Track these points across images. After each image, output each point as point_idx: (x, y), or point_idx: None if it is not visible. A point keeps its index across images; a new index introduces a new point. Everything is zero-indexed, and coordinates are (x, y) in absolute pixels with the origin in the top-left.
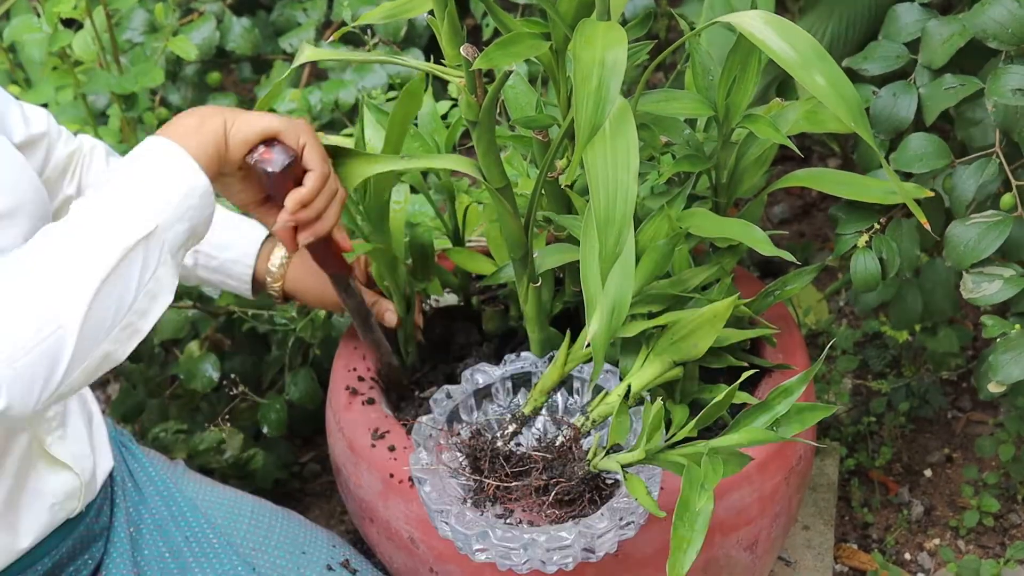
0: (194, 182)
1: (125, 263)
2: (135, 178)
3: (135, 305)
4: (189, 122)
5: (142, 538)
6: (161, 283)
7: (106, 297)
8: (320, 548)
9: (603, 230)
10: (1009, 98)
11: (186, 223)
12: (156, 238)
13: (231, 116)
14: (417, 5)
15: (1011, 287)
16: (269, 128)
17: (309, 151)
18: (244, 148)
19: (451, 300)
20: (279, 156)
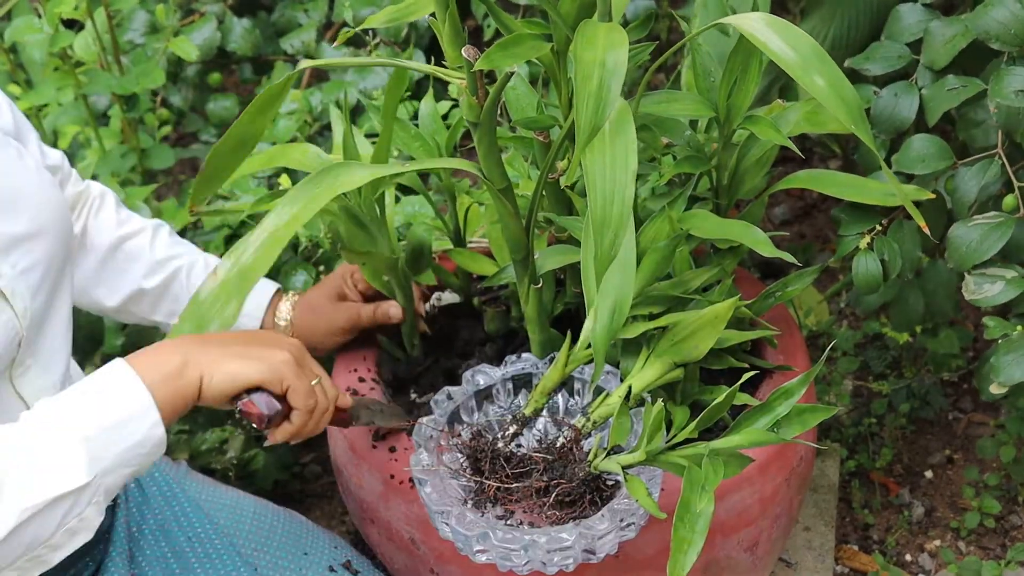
0: (150, 434)
1: (51, 507)
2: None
3: (51, 541)
4: (168, 365)
5: (144, 539)
6: (85, 522)
7: (23, 532)
8: (322, 549)
9: (599, 231)
10: (1012, 99)
11: (130, 468)
12: (91, 487)
13: (209, 368)
14: (419, 7)
15: (1013, 288)
16: (250, 380)
17: (291, 393)
18: (223, 399)
19: (453, 299)
20: (262, 410)
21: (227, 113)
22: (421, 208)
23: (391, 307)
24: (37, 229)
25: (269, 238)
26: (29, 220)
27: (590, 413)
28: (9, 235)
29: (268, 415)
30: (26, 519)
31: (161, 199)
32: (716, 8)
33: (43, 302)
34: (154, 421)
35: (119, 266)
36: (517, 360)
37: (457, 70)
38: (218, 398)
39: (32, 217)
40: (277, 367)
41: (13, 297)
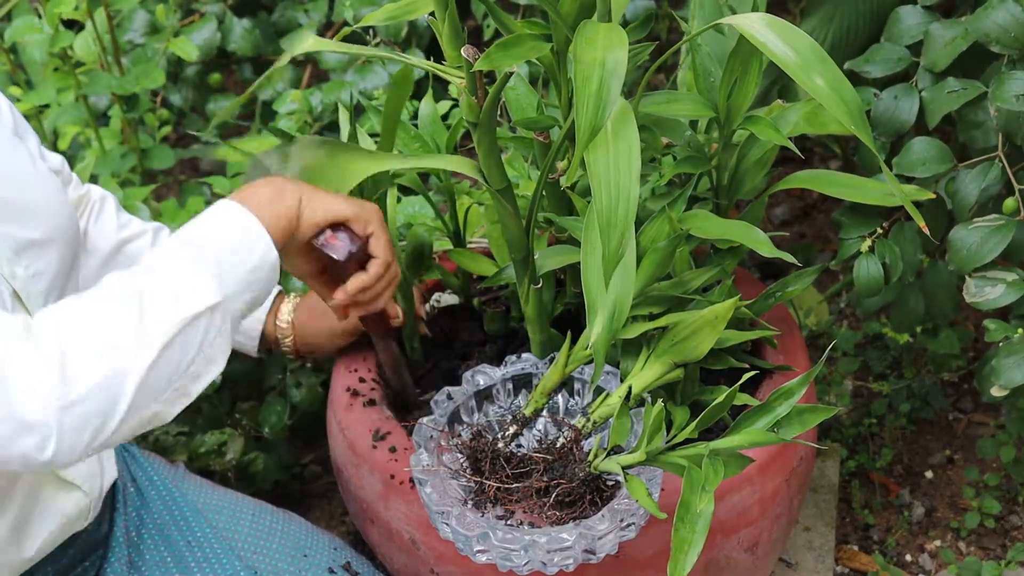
0: (266, 256)
1: (190, 328)
2: (210, 242)
3: (191, 369)
4: (265, 193)
5: (143, 542)
6: (218, 349)
7: (168, 358)
8: (322, 551)
9: (605, 232)
10: (1012, 103)
11: (251, 294)
12: (222, 308)
13: (307, 195)
14: (419, 6)
15: (1014, 291)
16: (341, 214)
17: (375, 240)
18: (314, 230)
19: (452, 300)
20: (345, 244)
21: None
22: (421, 208)
23: (392, 309)
24: (49, 234)
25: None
26: (41, 224)
27: (590, 413)
28: (23, 239)
29: (351, 248)
30: (171, 337)
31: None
32: (712, 8)
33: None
34: (267, 244)
35: (121, 266)
36: (517, 360)
37: (457, 70)
38: (311, 226)
39: (44, 221)
40: (368, 209)
41: (28, 300)
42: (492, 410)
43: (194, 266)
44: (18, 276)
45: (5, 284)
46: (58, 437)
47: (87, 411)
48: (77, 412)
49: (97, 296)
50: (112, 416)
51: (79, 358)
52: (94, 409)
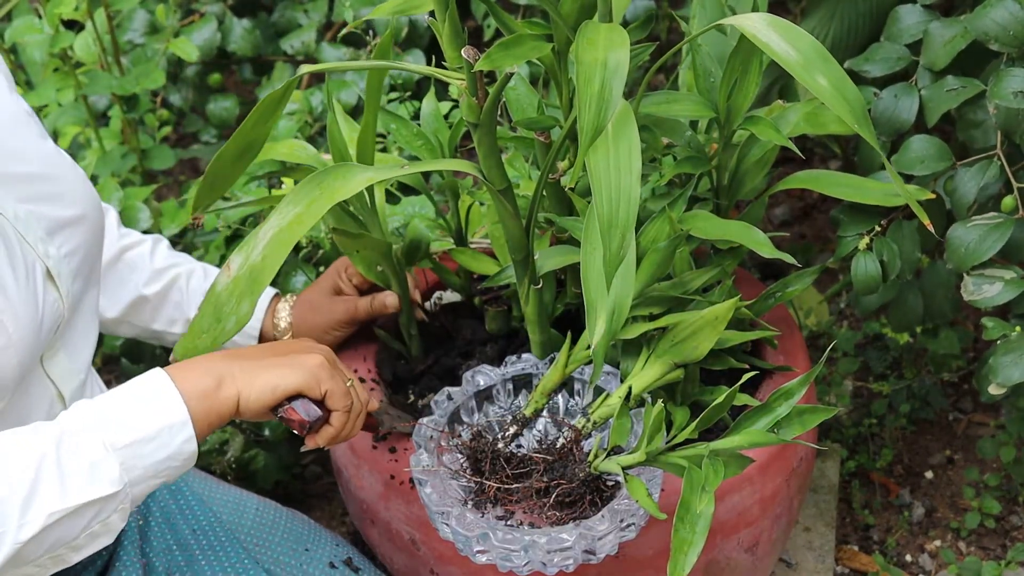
0: (183, 448)
1: (79, 512)
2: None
3: (74, 542)
4: (203, 382)
5: (150, 529)
6: (108, 527)
7: (49, 533)
8: (324, 546)
9: (607, 233)
10: (1011, 101)
11: (159, 480)
12: (120, 496)
13: (247, 380)
14: (420, 4)
15: (1012, 289)
16: (287, 389)
17: (332, 397)
18: (263, 411)
19: (454, 299)
20: (300, 417)
21: (227, 114)
22: (423, 208)
23: (387, 296)
24: (79, 215)
25: (275, 238)
26: (72, 205)
27: (590, 414)
28: (57, 218)
29: (310, 421)
30: (53, 522)
31: (161, 200)
32: (714, 8)
33: (80, 287)
34: (188, 436)
35: (120, 276)
36: (517, 360)
37: (457, 71)
38: (258, 411)
39: (74, 202)
40: (314, 371)
41: (59, 278)
42: (492, 410)
43: (103, 453)
44: (51, 255)
45: (40, 263)
46: None
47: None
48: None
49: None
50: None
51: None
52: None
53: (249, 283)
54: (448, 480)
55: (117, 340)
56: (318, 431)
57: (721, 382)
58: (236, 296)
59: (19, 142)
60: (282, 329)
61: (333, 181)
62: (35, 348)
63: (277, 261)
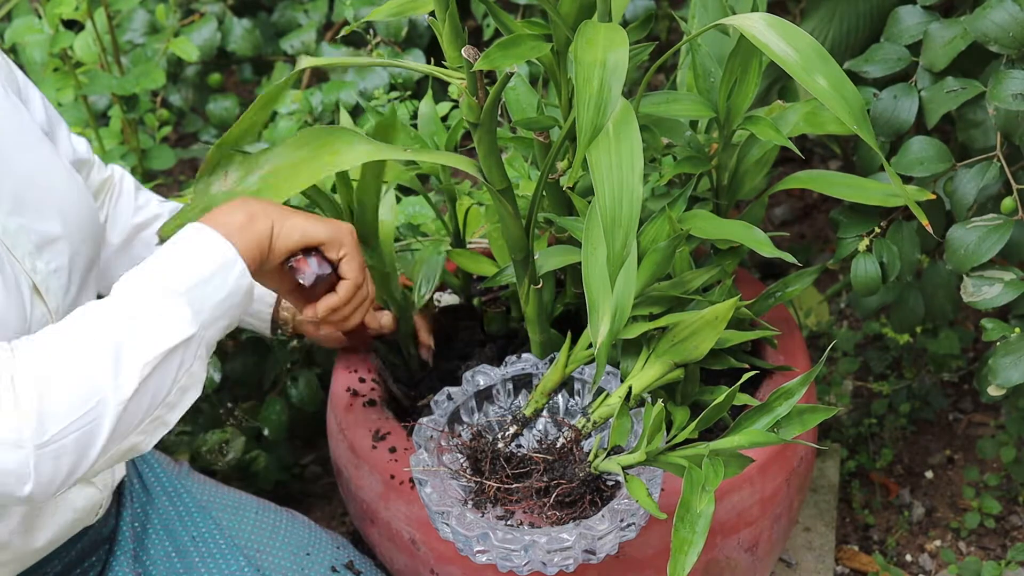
0: (240, 282)
1: (166, 361)
2: (185, 270)
3: (167, 399)
4: (238, 217)
5: (148, 538)
6: (194, 377)
7: (144, 391)
8: (325, 549)
9: (610, 233)
10: (1010, 103)
11: (226, 320)
12: (196, 338)
13: (279, 219)
14: (420, 4)
15: (1011, 291)
16: (314, 237)
17: (347, 262)
18: (286, 254)
19: (453, 301)
20: (312, 269)
21: (227, 114)
22: (421, 209)
23: (383, 316)
24: (71, 231)
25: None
26: (62, 222)
27: (590, 413)
28: (44, 234)
29: (319, 273)
30: (148, 374)
31: None
32: (715, 8)
33: (72, 300)
34: (242, 270)
35: (136, 252)
36: (517, 360)
37: (457, 70)
38: (283, 251)
39: (64, 219)
40: (342, 231)
41: (47, 294)
42: (492, 410)
43: (169, 298)
44: (39, 270)
45: (25, 278)
46: (35, 477)
47: (64, 445)
48: (52, 450)
49: (74, 331)
50: (90, 449)
51: (57, 399)
52: (71, 442)
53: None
54: (448, 480)
55: None
56: (322, 294)
57: (721, 382)
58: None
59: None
60: (287, 316)
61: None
62: None
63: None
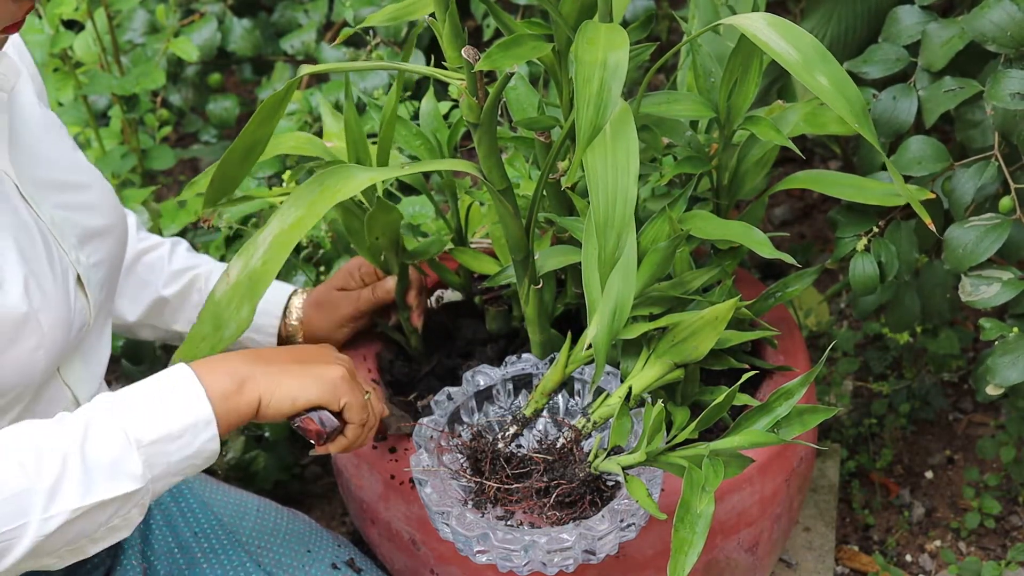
0: (204, 447)
1: (102, 507)
2: (156, 419)
3: (94, 535)
4: (225, 383)
5: (151, 532)
6: (127, 520)
7: (71, 527)
8: (325, 547)
9: (602, 233)
10: (1008, 102)
11: (178, 477)
12: (141, 492)
13: (268, 389)
14: (419, 7)
15: (1009, 290)
16: (308, 401)
17: (349, 410)
18: (281, 419)
19: (454, 298)
20: (318, 427)
21: (227, 114)
22: (422, 208)
23: (388, 281)
24: (108, 226)
25: (275, 241)
26: (102, 216)
27: (590, 414)
28: (86, 228)
29: (326, 431)
30: (76, 517)
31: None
32: (708, 8)
33: (105, 296)
34: (211, 435)
35: (140, 278)
36: (517, 361)
37: (457, 71)
38: (276, 418)
39: (104, 213)
40: (335, 385)
41: (88, 286)
42: (492, 410)
43: (127, 449)
44: (82, 262)
45: (72, 269)
46: None
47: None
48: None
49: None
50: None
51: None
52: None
53: (249, 288)
54: (448, 480)
55: (119, 341)
56: (332, 440)
57: (721, 382)
58: (235, 302)
59: (54, 150)
60: (294, 325)
61: (335, 182)
62: (63, 351)
63: (277, 265)
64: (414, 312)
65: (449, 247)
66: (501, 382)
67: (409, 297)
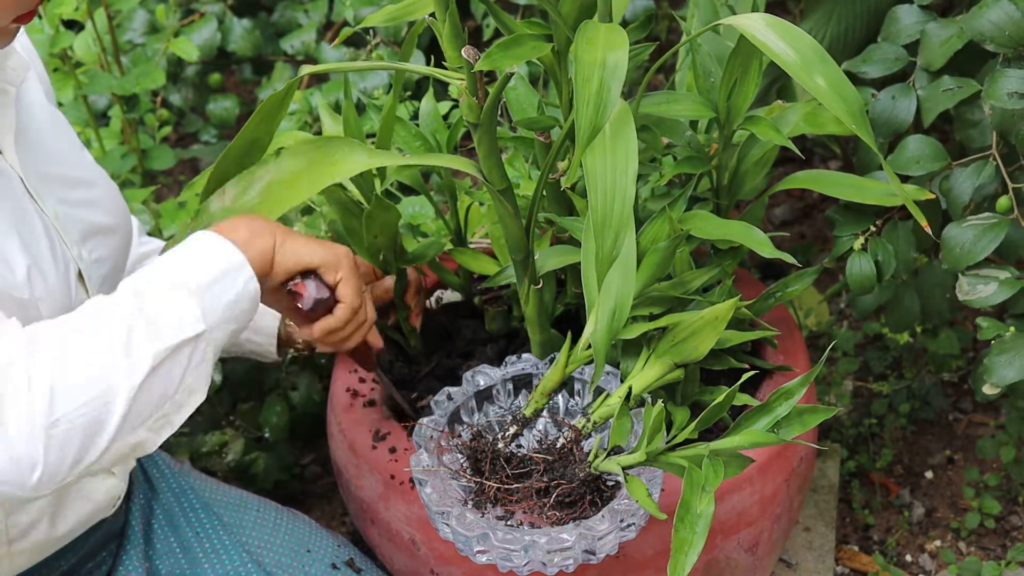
0: (247, 286)
1: (175, 356)
2: (194, 271)
3: (175, 397)
4: (242, 232)
5: (153, 532)
6: (200, 378)
7: (154, 384)
8: (325, 547)
9: (600, 232)
10: (1006, 101)
11: (234, 324)
12: (204, 338)
13: (279, 239)
14: (419, 7)
15: (1007, 289)
16: (311, 262)
17: (343, 285)
18: (285, 275)
19: (454, 298)
20: (311, 293)
21: (227, 114)
22: (422, 208)
23: (386, 281)
24: (112, 224)
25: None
26: (105, 214)
27: (590, 414)
28: (90, 224)
29: (317, 297)
30: (157, 364)
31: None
32: (708, 8)
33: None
34: (249, 275)
35: None
36: (517, 361)
37: (457, 71)
38: (282, 272)
39: (108, 212)
40: (338, 256)
41: (89, 281)
42: (492, 410)
43: (178, 294)
44: (84, 258)
45: (74, 264)
46: (44, 456)
47: (70, 430)
48: (62, 431)
49: (86, 320)
50: (97, 438)
51: (69, 379)
52: (78, 429)
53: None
54: (448, 480)
55: None
56: (321, 316)
57: (721, 382)
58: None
59: (60, 147)
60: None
61: (334, 151)
62: None
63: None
64: (413, 312)
65: (448, 247)
66: (501, 382)
67: (408, 297)
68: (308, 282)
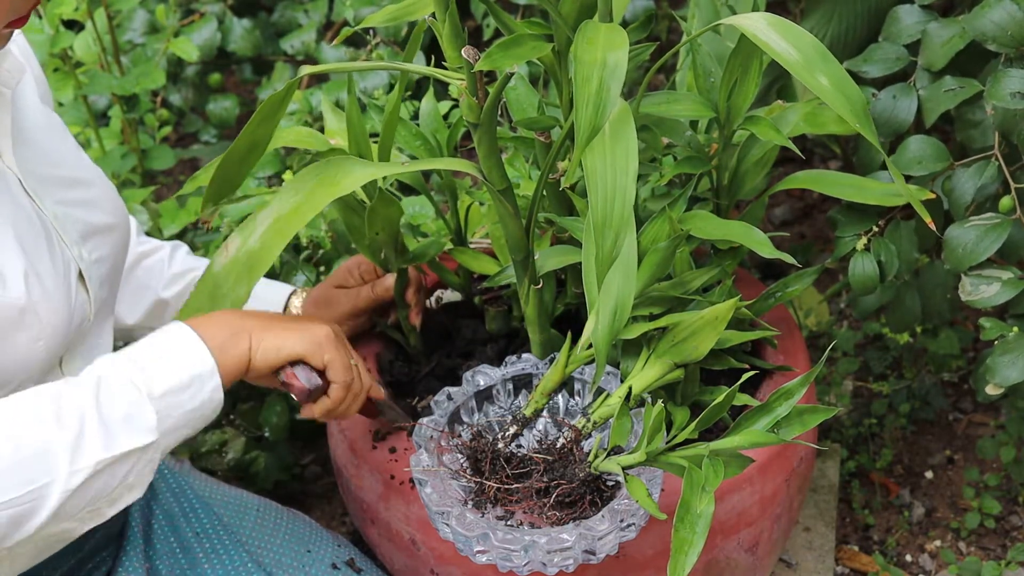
0: (211, 398)
1: (120, 462)
2: (163, 372)
3: (111, 494)
4: (220, 333)
5: (153, 532)
6: (142, 478)
7: (92, 483)
8: (325, 547)
9: (600, 232)
10: (1008, 101)
11: (187, 431)
12: (154, 447)
13: (258, 336)
14: (419, 7)
15: (1009, 289)
16: (293, 352)
17: (331, 368)
18: (267, 371)
19: (454, 298)
20: (302, 383)
21: (227, 114)
22: (422, 208)
23: (387, 279)
24: (111, 224)
25: (273, 225)
26: (104, 213)
27: (590, 414)
28: (89, 224)
29: (309, 388)
30: (99, 471)
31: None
32: (708, 8)
33: (106, 294)
34: (216, 384)
35: (140, 282)
36: (517, 360)
37: (457, 71)
38: (262, 370)
39: (106, 212)
40: (319, 340)
41: (90, 281)
42: (492, 410)
43: (140, 402)
44: (84, 258)
45: (74, 264)
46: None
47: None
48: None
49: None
50: (23, 527)
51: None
52: (3, 520)
53: (247, 268)
54: (448, 480)
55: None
56: (316, 400)
57: (721, 382)
58: (233, 278)
59: (57, 148)
60: None
61: (334, 172)
62: (62, 344)
63: (275, 249)
64: (413, 310)
65: (449, 247)
66: (501, 382)
67: (408, 295)
68: (298, 371)
